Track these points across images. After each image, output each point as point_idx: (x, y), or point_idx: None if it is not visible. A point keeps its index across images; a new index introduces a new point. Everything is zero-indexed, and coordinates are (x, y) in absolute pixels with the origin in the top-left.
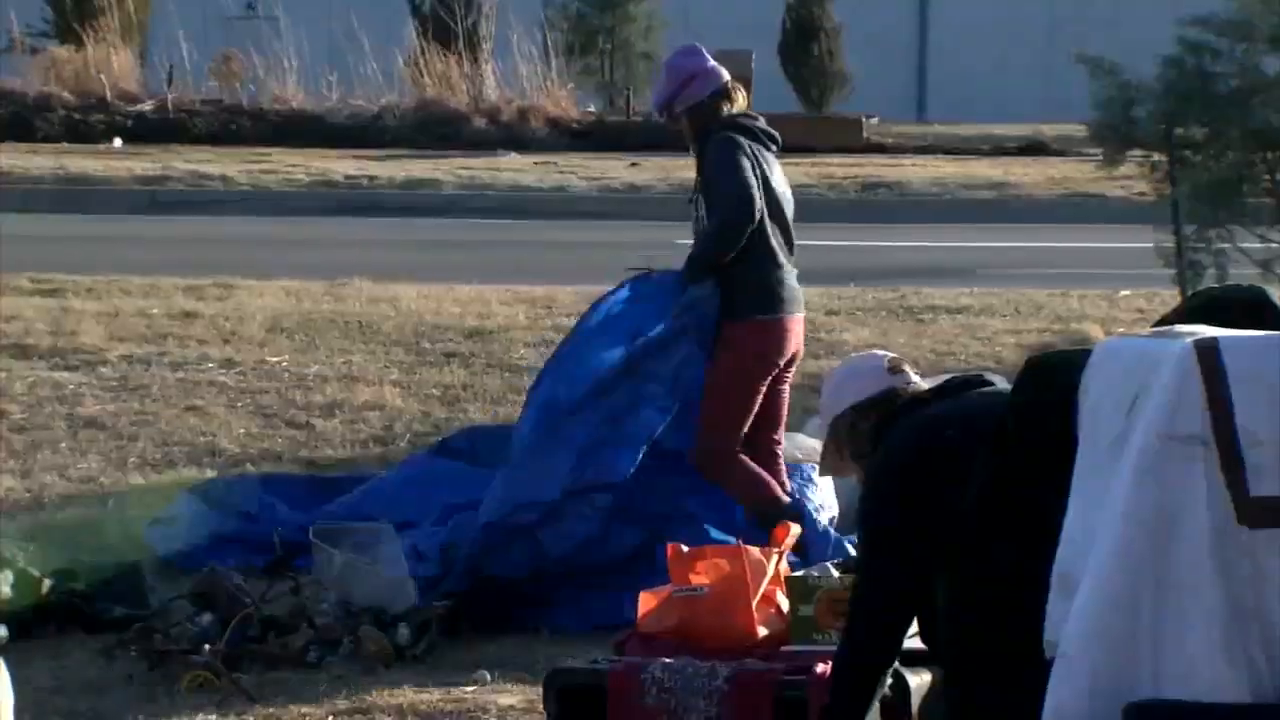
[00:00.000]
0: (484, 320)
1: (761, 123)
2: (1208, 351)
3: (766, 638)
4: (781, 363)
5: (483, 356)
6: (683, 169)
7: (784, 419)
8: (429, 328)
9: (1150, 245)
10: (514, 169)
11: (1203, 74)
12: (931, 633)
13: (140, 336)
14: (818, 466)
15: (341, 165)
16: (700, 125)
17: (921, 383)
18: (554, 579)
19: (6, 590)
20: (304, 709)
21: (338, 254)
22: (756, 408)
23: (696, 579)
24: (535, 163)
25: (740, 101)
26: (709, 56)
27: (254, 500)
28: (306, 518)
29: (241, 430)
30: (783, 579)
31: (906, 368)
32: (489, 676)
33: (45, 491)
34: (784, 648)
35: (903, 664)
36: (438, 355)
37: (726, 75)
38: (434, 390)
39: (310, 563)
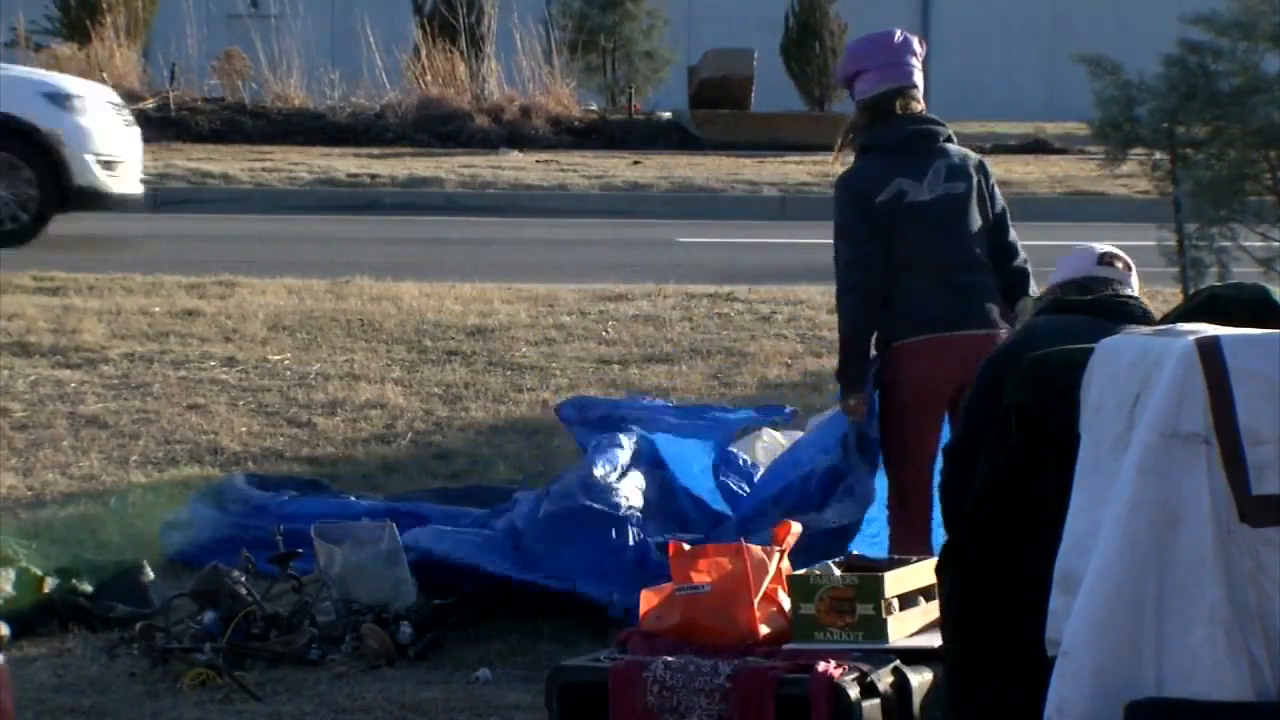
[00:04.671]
0: (486, 318)
1: (920, 126)
2: (1210, 350)
3: (768, 636)
4: (949, 388)
5: (484, 355)
6: (684, 167)
7: None
8: (431, 326)
9: (1152, 243)
10: (516, 167)
11: (1205, 72)
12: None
13: (142, 334)
14: None
15: (344, 163)
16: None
17: (1129, 287)
18: None
19: (9, 588)
20: (306, 707)
21: (339, 252)
22: (925, 436)
23: (698, 577)
24: (537, 161)
25: (910, 105)
26: (889, 48)
27: (268, 502)
28: (308, 520)
29: (243, 428)
30: (784, 577)
31: (1120, 264)
32: (491, 674)
33: (47, 489)
34: (785, 645)
35: (904, 663)
36: (439, 353)
37: (899, 79)
38: (436, 389)
39: (311, 565)
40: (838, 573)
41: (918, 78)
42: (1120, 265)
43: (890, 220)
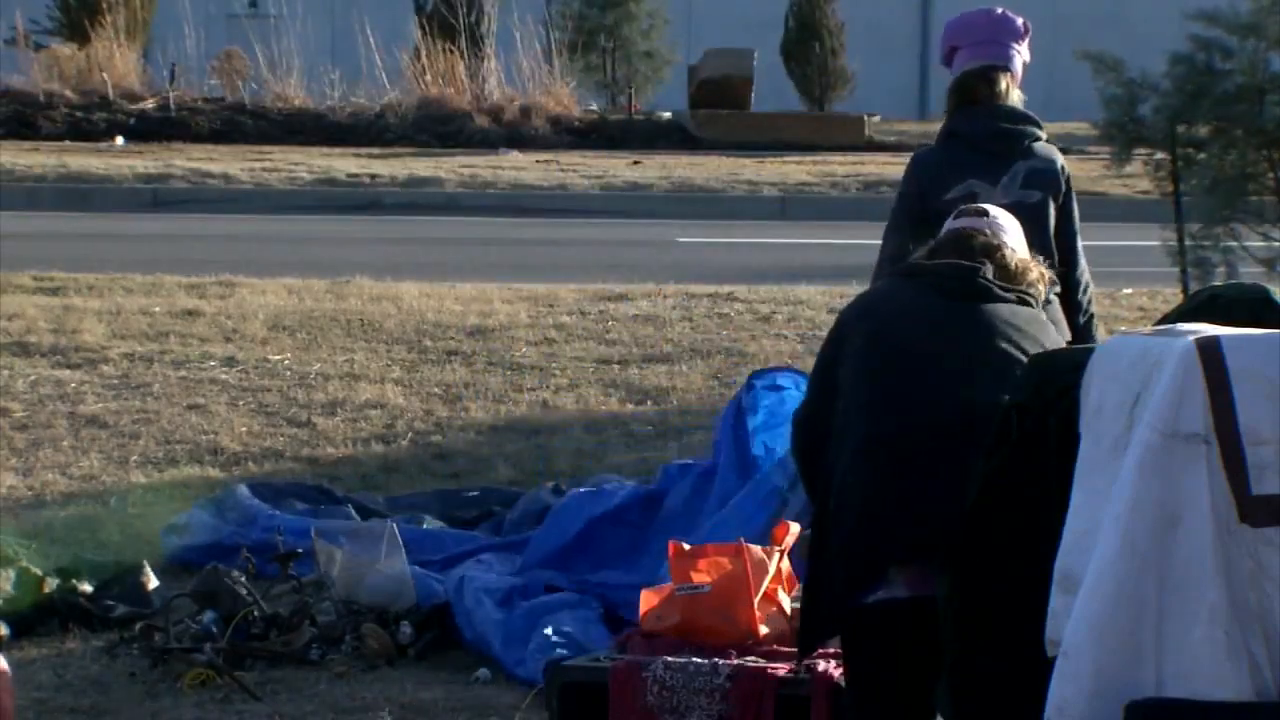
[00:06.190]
0: (486, 318)
1: (1008, 122)
2: (1210, 349)
3: (768, 636)
4: None
5: (484, 355)
6: (684, 167)
7: None
8: (431, 326)
9: (1150, 243)
10: (516, 167)
11: (1211, 71)
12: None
13: (142, 334)
14: None
15: (343, 163)
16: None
17: (1000, 232)
18: None
19: (9, 588)
20: (306, 707)
21: (339, 252)
22: None
23: (698, 577)
24: (537, 161)
25: (998, 89)
26: (983, 25)
27: (261, 514)
28: (308, 524)
29: (243, 428)
30: (784, 576)
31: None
32: (490, 674)
33: (47, 489)
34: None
35: None
36: (439, 353)
37: (988, 58)
38: (436, 388)
39: (311, 568)
40: None
41: (1016, 62)
42: (974, 213)
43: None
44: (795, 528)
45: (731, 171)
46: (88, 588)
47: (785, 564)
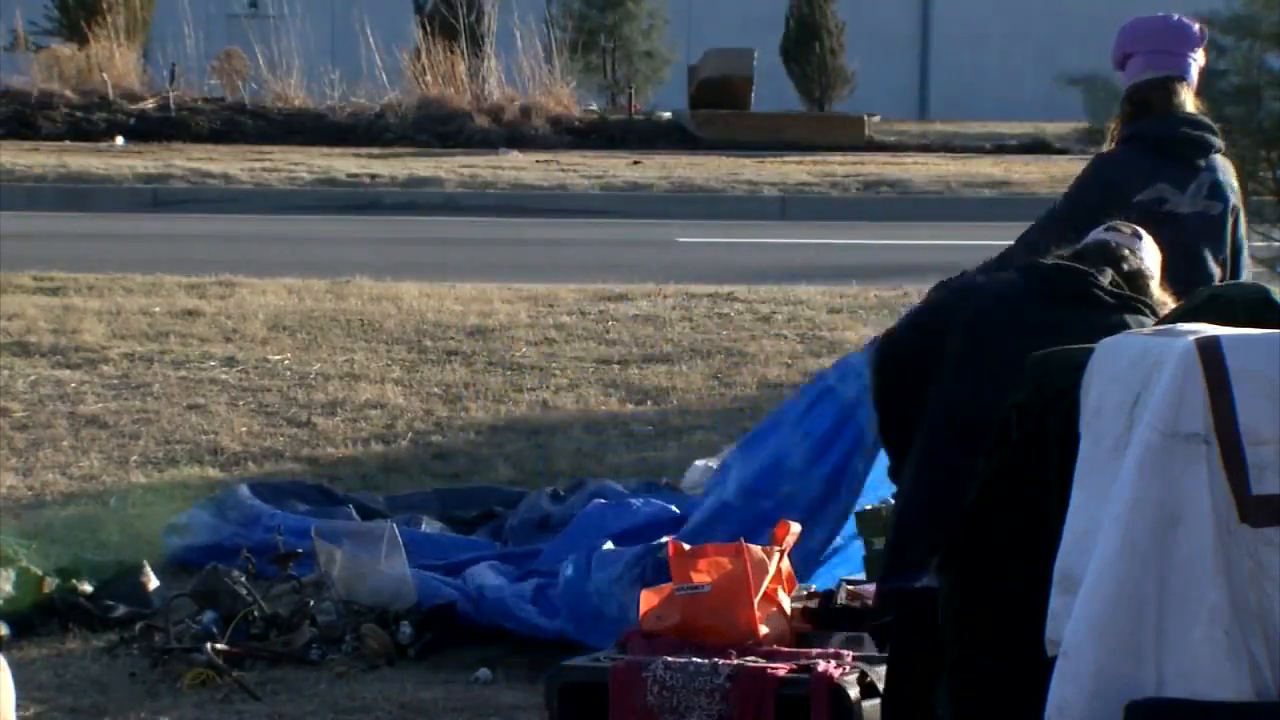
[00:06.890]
0: (485, 318)
1: (1193, 129)
2: (1210, 349)
3: (768, 635)
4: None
5: (484, 355)
6: (684, 167)
7: None
8: (431, 326)
9: None
10: (516, 167)
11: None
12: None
13: (142, 334)
14: None
15: (343, 163)
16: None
17: (1138, 250)
18: None
19: (9, 588)
20: (306, 707)
21: (339, 252)
22: None
23: (698, 577)
24: (537, 161)
25: (1173, 100)
26: (1159, 33)
27: (263, 514)
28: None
29: (243, 428)
30: (784, 576)
31: (1126, 230)
32: (491, 674)
33: (47, 489)
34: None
35: None
36: (439, 353)
37: (1165, 68)
38: (436, 388)
39: (311, 568)
40: None
41: (1193, 71)
42: (1127, 231)
43: (1140, 224)
44: (796, 528)
45: (731, 171)
46: (88, 588)
47: (785, 564)
